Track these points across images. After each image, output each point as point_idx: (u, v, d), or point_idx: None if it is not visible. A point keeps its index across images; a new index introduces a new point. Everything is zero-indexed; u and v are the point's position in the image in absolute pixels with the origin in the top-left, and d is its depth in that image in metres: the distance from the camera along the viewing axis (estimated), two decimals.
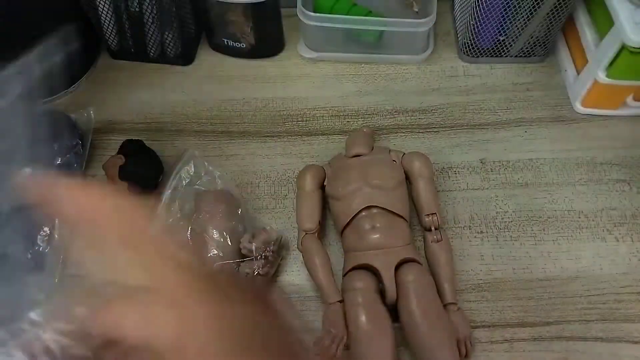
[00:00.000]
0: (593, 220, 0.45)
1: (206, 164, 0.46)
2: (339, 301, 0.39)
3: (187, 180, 0.45)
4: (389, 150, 0.44)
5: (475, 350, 0.39)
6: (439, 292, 0.38)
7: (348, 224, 0.40)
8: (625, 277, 0.42)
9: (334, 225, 0.43)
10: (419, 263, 0.39)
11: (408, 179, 0.43)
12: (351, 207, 0.40)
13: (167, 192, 0.44)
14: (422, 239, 0.43)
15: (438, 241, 0.41)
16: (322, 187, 0.43)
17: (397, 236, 0.39)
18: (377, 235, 0.39)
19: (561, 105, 0.52)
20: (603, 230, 0.44)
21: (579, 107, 0.51)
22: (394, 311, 0.38)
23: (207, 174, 0.45)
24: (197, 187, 0.44)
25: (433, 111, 0.52)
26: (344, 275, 0.40)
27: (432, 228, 0.41)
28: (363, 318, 0.36)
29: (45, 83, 0.30)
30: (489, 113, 0.52)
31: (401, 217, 0.40)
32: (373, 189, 0.40)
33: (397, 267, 0.38)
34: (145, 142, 0.47)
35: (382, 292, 0.38)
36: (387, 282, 0.38)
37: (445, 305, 0.38)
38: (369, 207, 0.40)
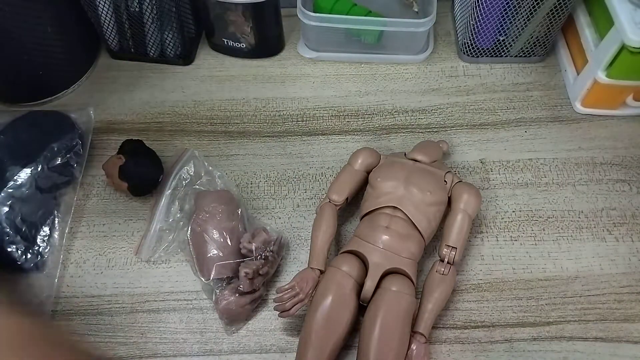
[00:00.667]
0: (593, 220, 0.45)
1: (206, 164, 0.46)
2: (320, 270, 0.39)
3: (187, 180, 0.45)
4: (447, 171, 0.42)
5: (475, 350, 0.39)
6: (417, 318, 0.37)
7: (368, 213, 0.40)
8: (625, 277, 0.42)
9: (359, 209, 0.43)
10: (410, 281, 0.38)
11: (450, 204, 0.41)
12: (378, 200, 0.40)
13: (167, 192, 0.44)
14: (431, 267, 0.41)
15: (443, 274, 0.39)
16: (369, 172, 0.43)
17: (406, 247, 0.38)
18: (387, 237, 0.38)
19: (561, 105, 0.52)
20: (603, 230, 0.44)
21: (579, 107, 0.51)
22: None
23: (207, 174, 0.45)
24: (197, 187, 0.44)
25: (433, 111, 0.52)
26: (338, 253, 0.40)
27: (446, 260, 0.39)
28: (329, 297, 0.36)
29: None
30: (489, 113, 0.52)
31: (420, 233, 0.39)
32: (408, 194, 0.39)
33: (388, 273, 0.38)
34: (145, 142, 0.47)
35: (361, 287, 0.38)
36: (369, 280, 0.37)
37: (413, 333, 0.37)
38: (394, 208, 0.39)
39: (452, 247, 0.39)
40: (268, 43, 0.55)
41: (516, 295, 0.41)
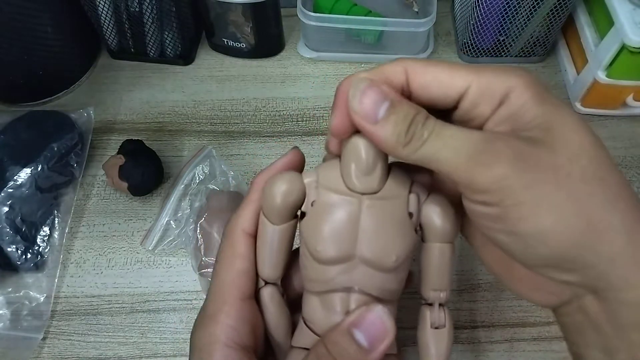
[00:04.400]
0: None
1: (222, 164, 0.46)
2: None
3: (201, 178, 0.45)
4: (410, 186, 0.26)
5: (475, 350, 0.39)
6: None
7: (316, 291, 0.27)
8: None
9: (299, 270, 0.29)
10: (394, 355, 0.28)
11: (422, 230, 0.28)
12: (326, 280, 0.26)
13: (180, 187, 0.44)
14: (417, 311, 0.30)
15: (438, 327, 0.28)
16: (297, 215, 0.27)
17: None
18: None
19: None
20: None
21: (579, 107, 0.51)
22: None
23: (222, 174, 0.45)
24: (210, 186, 0.45)
25: None
26: (290, 347, 0.28)
27: (437, 306, 0.29)
28: None
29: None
30: None
31: (389, 300, 0.28)
32: (364, 264, 0.26)
33: None
34: (145, 142, 0.47)
35: None
36: None
37: None
38: (349, 287, 0.26)
39: (441, 290, 0.28)
40: (268, 43, 0.55)
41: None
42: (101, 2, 0.49)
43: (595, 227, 0.20)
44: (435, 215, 0.26)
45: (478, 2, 0.49)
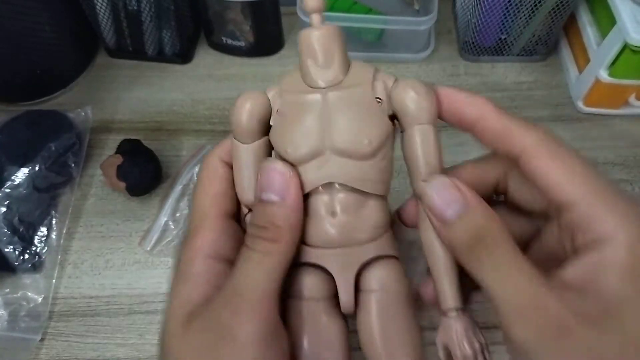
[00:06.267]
0: None
1: None
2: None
3: None
4: (374, 73, 0.26)
5: None
6: (438, 295, 0.27)
7: None
8: None
9: None
10: (391, 257, 0.27)
11: (398, 120, 0.26)
12: (304, 182, 0.25)
13: (178, 187, 0.44)
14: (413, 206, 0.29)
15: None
16: (269, 129, 0.27)
17: (366, 227, 0.26)
18: (335, 231, 0.26)
19: (563, 104, 0.52)
20: None
21: (581, 106, 0.51)
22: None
23: None
24: None
25: None
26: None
27: None
28: (305, 340, 0.26)
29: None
30: None
31: (377, 195, 0.26)
32: (338, 155, 0.25)
33: (363, 267, 0.27)
34: (143, 141, 0.46)
35: (337, 297, 0.27)
36: (342, 292, 0.27)
37: (445, 312, 0.26)
38: (329, 183, 0.25)
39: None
40: (267, 41, 0.55)
41: None
42: (99, 0, 0.48)
43: None
44: (407, 97, 0.25)
45: (479, 0, 0.49)
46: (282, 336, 0.24)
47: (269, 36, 0.54)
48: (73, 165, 0.45)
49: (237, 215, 0.27)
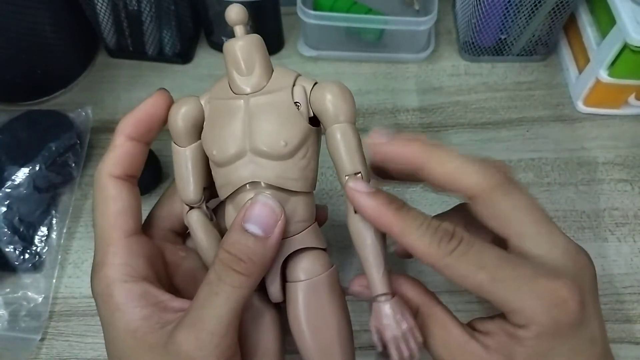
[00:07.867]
0: (595, 221, 0.45)
1: None
2: None
3: None
4: (294, 79, 0.28)
5: None
6: (369, 283, 0.27)
7: (229, 196, 0.28)
8: (627, 278, 0.42)
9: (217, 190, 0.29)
10: (320, 249, 0.28)
11: (320, 121, 0.28)
12: (230, 182, 0.27)
13: None
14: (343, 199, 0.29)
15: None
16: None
17: (291, 221, 0.27)
18: None
19: (563, 104, 0.52)
20: (605, 231, 0.44)
21: (580, 106, 0.51)
22: None
23: None
24: None
25: (434, 110, 0.52)
26: None
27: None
28: (242, 325, 0.27)
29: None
30: (491, 112, 0.51)
31: (299, 192, 0.27)
32: (259, 157, 0.26)
33: (289, 259, 0.28)
34: None
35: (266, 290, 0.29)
36: (270, 285, 0.28)
37: (373, 299, 0.27)
38: (256, 182, 0.27)
39: (356, 172, 0.27)
40: (267, 41, 0.54)
41: None
42: (99, 0, 0.48)
43: None
44: (324, 100, 0.27)
45: (479, 0, 0.49)
46: (238, 353, 0.25)
47: (269, 36, 0.54)
48: (73, 165, 0.45)
49: (145, 226, 0.29)
